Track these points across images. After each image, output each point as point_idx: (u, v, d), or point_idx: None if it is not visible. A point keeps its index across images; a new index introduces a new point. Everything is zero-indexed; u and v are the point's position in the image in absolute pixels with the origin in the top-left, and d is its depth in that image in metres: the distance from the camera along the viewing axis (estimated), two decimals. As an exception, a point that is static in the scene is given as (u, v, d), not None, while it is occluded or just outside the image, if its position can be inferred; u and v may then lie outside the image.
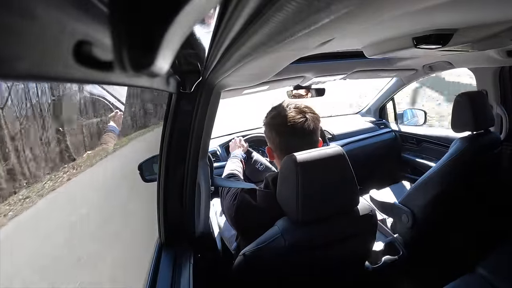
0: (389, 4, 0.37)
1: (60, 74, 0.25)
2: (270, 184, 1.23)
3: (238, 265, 1.08)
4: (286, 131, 1.23)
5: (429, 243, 1.92)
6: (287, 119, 1.22)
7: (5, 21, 0.19)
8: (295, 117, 1.22)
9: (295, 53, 0.70)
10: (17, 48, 0.20)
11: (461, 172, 1.76)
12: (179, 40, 0.27)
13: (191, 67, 1.01)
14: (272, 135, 1.28)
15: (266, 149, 1.36)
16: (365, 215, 1.14)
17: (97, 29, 0.28)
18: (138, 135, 5.78)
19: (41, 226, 3.63)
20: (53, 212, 3.92)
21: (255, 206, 1.22)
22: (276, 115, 1.27)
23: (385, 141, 3.05)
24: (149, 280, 1.12)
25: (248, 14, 0.38)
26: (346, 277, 1.29)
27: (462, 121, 1.76)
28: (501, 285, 1.52)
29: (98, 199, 4.05)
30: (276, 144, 1.28)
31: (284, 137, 1.25)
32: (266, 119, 1.32)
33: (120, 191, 4.10)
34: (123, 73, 0.24)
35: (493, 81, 2.10)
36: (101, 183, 4.40)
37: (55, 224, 3.68)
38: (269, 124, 1.29)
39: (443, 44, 1.07)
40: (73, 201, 4.06)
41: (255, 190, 1.27)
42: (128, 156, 4.83)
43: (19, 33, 0.20)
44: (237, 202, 1.25)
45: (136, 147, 5.22)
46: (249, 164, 2.13)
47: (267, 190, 1.23)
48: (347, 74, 1.90)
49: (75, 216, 3.72)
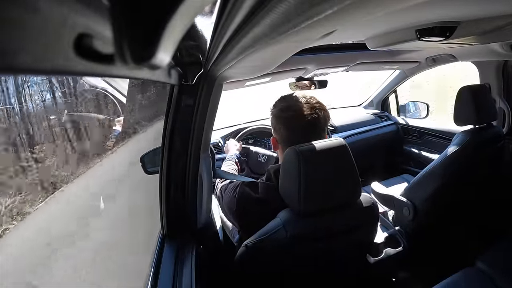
0: None
1: (61, 67, 0.25)
2: (272, 176, 1.22)
3: (240, 256, 1.09)
4: (296, 126, 1.20)
5: (430, 236, 1.93)
6: (298, 115, 1.19)
7: (6, 15, 0.19)
8: (307, 113, 1.18)
9: (297, 45, 0.70)
10: (18, 41, 0.20)
11: (463, 165, 1.76)
12: (180, 31, 0.27)
13: (193, 59, 1.00)
14: (279, 128, 1.25)
15: (271, 139, 1.33)
16: (367, 207, 1.15)
17: (98, 21, 0.28)
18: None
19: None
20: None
21: (257, 198, 1.20)
22: (286, 108, 1.22)
23: (387, 133, 3.05)
24: (152, 271, 1.13)
25: (250, 5, 0.38)
26: (348, 269, 1.30)
27: (465, 114, 1.75)
28: (500, 279, 1.52)
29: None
30: (283, 137, 1.25)
31: (293, 132, 1.21)
32: (275, 110, 1.27)
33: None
34: (124, 66, 0.24)
35: (496, 75, 2.09)
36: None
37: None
38: (278, 117, 1.25)
39: (446, 37, 1.06)
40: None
41: (256, 184, 1.25)
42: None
43: (20, 27, 0.20)
44: (238, 195, 1.24)
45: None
46: (251, 159, 2.14)
47: (269, 183, 1.22)
48: (349, 66, 1.89)
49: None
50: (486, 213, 1.98)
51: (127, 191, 4.06)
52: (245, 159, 2.17)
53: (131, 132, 5.06)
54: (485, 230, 1.96)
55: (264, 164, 2.09)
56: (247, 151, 2.16)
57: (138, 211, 3.64)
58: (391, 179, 2.67)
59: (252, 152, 2.17)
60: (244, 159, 2.15)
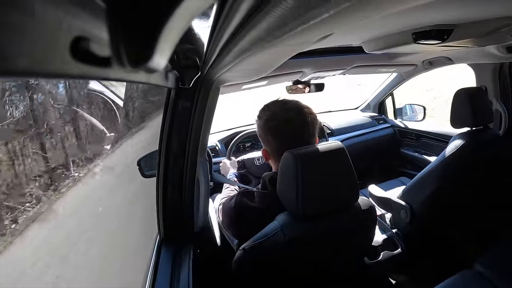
0: (389, 0, 0.37)
1: (58, 71, 0.25)
2: (267, 184, 1.21)
3: (238, 259, 1.09)
4: (284, 134, 1.17)
5: (428, 239, 1.93)
6: (286, 122, 1.17)
7: (3, 19, 0.19)
8: (294, 119, 1.16)
9: (294, 48, 0.70)
10: (14, 45, 0.20)
11: (460, 168, 1.76)
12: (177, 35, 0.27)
13: (190, 62, 1.00)
14: (268, 139, 1.22)
15: (262, 151, 1.30)
16: (365, 210, 1.14)
17: (94, 24, 0.28)
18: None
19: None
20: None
21: (254, 208, 1.19)
22: (272, 117, 1.19)
23: (384, 136, 3.06)
24: (150, 275, 1.13)
25: (247, 8, 0.38)
26: (346, 272, 1.30)
27: (461, 117, 1.76)
28: (498, 281, 1.52)
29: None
30: (273, 148, 1.22)
31: (282, 140, 1.18)
32: (261, 121, 1.23)
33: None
34: (121, 69, 0.24)
35: (493, 77, 2.09)
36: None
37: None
38: (265, 128, 1.22)
39: (443, 40, 1.06)
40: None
41: (253, 193, 1.23)
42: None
43: (16, 30, 0.20)
44: (235, 205, 1.22)
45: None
46: (249, 168, 2.15)
47: (265, 191, 1.21)
48: (346, 69, 1.90)
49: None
50: (484, 215, 1.98)
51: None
52: (245, 170, 2.17)
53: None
54: (483, 232, 1.96)
55: (264, 165, 2.10)
56: (243, 163, 2.17)
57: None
58: (388, 182, 2.67)
59: (247, 160, 2.18)
60: (244, 171, 2.16)
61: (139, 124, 5.40)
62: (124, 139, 5.04)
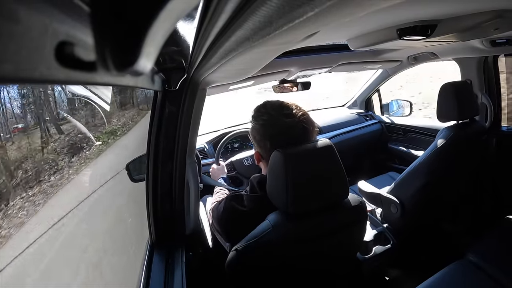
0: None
1: (43, 76, 0.25)
2: (256, 186, 1.21)
3: (231, 260, 1.08)
4: (283, 140, 1.12)
5: (419, 232, 1.95)
6: (286, 129, 1.13)
7: None
8: (294, 126, 1.13)
9: (280, 47, 0.70)
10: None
11: (448, 160, 1.79)
12: (162, 37, 0.27)
13: (176, 65, 0.99)
14: (266, 144, 1.18)
15: (254, 154, 1.28)
16: (356, 207, 1.15)
17: (79, 29, 0.28)
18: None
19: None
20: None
21: (244, 212, 1.18)
22: (270, 122, 1.16)
23: (372, 132, 3.09)
24: (142, 280, 1.12)
25: (232, 9, 0.38)
26: (339, 269, 1.30)
27: (447, 110, 1.78)
28: (490, 270, 1.55)
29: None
30: (269, 153, 1.13)
31: (280, 147, 1.09)
32: (257, 125, 1.19)
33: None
34: (106, 73, 0.23)
35: (478, 71, 2.13)
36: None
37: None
38: (263, 133, 1.18)
39: (427, 35, 1.08)
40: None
41: (241, 196, 1.23)
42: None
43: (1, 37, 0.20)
44: (224, 209, 1.22)
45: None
46: (239, 169, 2.16)
47: (254, 194, 1.21)
48: (332, 67, 1.91)
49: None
50: (473, 206, 2.01)
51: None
52: (235, 172, 2.18)
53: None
54: (473, 223, 1.99)
55: (253, 165, 2.10)
56: (232, 165, 2.17)
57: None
58: (378, 177, 2.70)
59: (236, 162, 2.19)
60: (234, 174, 2.16)
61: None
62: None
